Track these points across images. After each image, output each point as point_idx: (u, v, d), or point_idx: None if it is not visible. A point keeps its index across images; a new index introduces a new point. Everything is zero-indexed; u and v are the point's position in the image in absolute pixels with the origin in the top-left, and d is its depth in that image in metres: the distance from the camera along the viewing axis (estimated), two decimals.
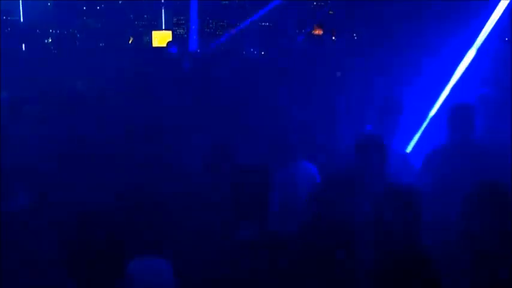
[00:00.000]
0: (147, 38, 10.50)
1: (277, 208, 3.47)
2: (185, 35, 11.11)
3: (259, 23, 10.76)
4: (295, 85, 6.18)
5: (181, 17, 11.23)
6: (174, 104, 5.38)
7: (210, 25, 11.26)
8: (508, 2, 5.30)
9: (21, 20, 9.84)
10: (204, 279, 2.78)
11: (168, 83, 6.04)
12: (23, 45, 8.10)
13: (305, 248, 2.73)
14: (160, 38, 9.70)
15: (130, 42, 9.01)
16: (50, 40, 10.22)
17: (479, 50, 5.56)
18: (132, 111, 5.32)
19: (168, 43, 7.75)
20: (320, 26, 10.79)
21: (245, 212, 2.85)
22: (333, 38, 10.77)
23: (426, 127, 4.88)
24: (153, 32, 10.02)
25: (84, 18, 10.66)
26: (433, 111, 4.92)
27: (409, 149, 4.68)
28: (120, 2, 10.72)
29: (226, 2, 11.16)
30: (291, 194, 3.86)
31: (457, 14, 7.06)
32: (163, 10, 10.90)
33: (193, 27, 10.76)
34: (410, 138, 4.78)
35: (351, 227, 2.74)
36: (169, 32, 10.57)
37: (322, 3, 10.94)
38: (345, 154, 4.05)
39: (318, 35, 10.80)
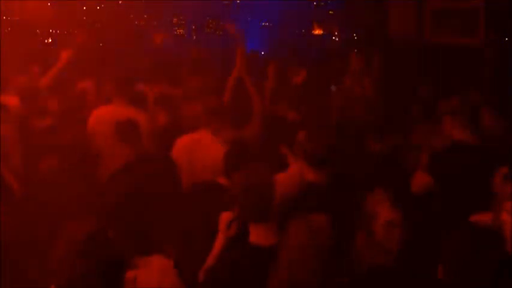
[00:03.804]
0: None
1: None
2: (185, 35, 11.13)
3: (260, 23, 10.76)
4: None
5: (181, 17, 11.22)
6: None
7: (210, 25, 11.25)
8: None
9: (21, 20, 9.82)
10: (210, 281, 2.77)
11: None
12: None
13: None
14: None
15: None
16: (50, 40, 10.22)
17: None
18: None
19: None
20: (320, 26, 10.80)
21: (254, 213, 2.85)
22: (333, 38, 10.78)
23: None
24: None
25: (84, 18, 10.63)
26: None
27: None
28: (120, 2, 10.70)
29: (226, 1, 11.14)
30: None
31: None
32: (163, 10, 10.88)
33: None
34: None
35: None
36: None
37: (322, 3, 10.92)
38: None
39: (318, 35, 10.81)
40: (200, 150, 4.68)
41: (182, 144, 4.81)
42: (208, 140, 4.69)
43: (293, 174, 3.89)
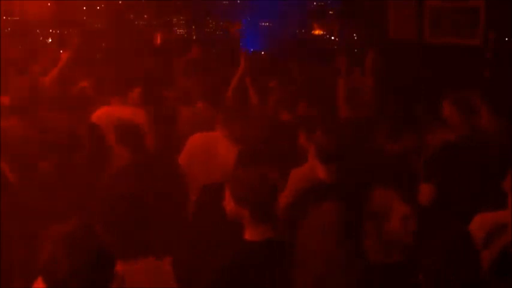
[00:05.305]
0: None
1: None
2: (186, 35, 11.14)
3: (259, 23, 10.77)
4: None
5: (181, 17, 11.23)
6: None
7: (210, 25, 11.25)
8: None
9: (21, 20, 9.82)
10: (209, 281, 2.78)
11: None
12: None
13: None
14: None
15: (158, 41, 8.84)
16: (50, 40, 10.22)
17: None
18: None
19: None
20: (320, 26, 10.81)
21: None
22: (333, 37, 10.79)
23: None
24: None
25: (84, 18, 10.64)
26: None
27: None
28: (120, 2, 10.71)
29: (226, 1, 11.15)
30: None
31: None
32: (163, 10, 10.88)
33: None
34: None
35: None
36: None
37: (322, 3, 10.93)
38: None
39: (318, 35, 10.81)
40: (217, 150, 4.70)
41: (197, 143, 4.81)
42: (224, 140, 4.70)
43: (310, 169, 3.91)
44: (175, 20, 11.26)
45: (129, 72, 6.07)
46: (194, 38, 11.15)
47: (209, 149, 4.73)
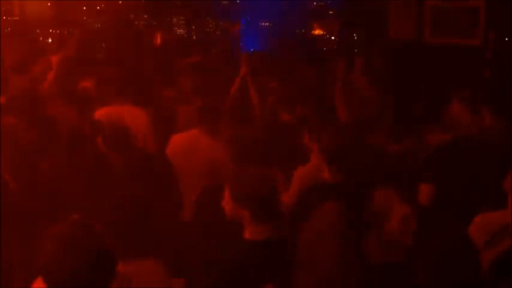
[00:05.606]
0: None
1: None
2: (185, 35, 11.14)
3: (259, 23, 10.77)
4: None
5: (181, 17, 11.23)
6: None
7: (210, 25, 11.26)
8: None
9: (21, 20, 9.81)
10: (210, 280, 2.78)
11: None
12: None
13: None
14: None
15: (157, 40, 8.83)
16: (50, 40, 10.21)
17: None
18: None
19: None
20: (320, 26, 10.81)
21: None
22: (333, 37, 10.79)
23: None
24: None
25: (84, 18, 10.64)
26: None
27: None
28: (120, 2, 10.70)
29: (226, 1, 11.16)
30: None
31: None
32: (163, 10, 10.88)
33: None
34: None
35: None
36: None
37: (322, 3, 10.94)
38: None
39: (318, 35, 10.81)
40: (198, 151, 4.69)
41: (177, 144, 4.82)
42: (207, 140, 4.70)
43: (314, 169, 3.92)
44: (175, 20, 11.25)
45: (129, 72, 6.06)
46: (194, 38, 11.15)
47: (189, 147, 4.73)
